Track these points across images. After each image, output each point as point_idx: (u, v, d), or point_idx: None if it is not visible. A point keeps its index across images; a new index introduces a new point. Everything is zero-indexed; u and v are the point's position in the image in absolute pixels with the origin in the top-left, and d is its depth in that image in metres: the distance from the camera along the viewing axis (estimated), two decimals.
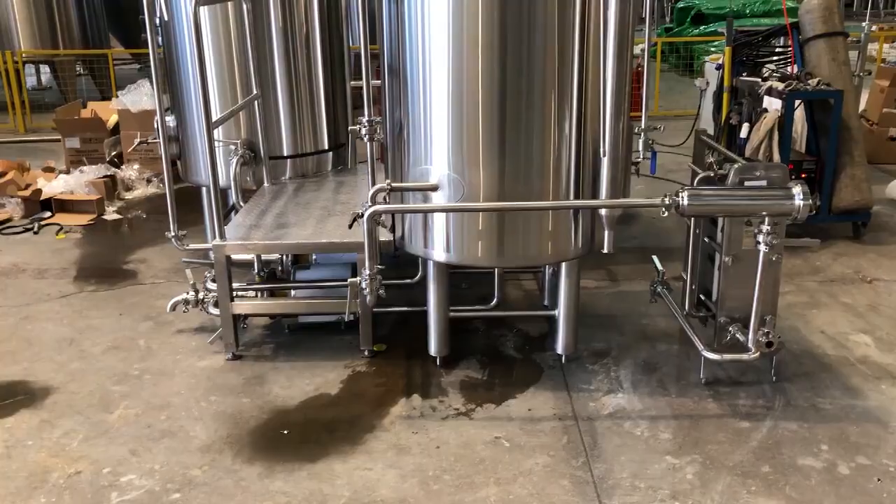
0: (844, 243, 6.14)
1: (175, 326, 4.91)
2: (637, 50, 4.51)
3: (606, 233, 3.92)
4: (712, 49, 12.93)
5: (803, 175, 5.98)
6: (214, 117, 4.51)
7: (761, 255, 3.74)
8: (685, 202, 3.63)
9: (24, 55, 11.88)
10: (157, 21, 5.32)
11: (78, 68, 12.93)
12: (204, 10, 5.12)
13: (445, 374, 4.32)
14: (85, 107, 9.14)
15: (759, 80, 6.27)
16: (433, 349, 4.37)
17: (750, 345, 3.89)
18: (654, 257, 4.81)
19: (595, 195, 3.92)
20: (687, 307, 4.45)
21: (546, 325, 4.82)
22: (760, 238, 3.72)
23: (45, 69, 13.95)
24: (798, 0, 6.97)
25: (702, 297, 4.38)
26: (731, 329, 4.03)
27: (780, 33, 6.68)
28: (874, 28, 10.58)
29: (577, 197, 3.96)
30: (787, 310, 4.94)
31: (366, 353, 4.49)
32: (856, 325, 4.83)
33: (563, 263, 4.19)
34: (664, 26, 17.53)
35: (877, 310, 5.03)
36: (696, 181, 4.28)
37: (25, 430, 3.86)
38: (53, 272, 5.91)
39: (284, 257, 5.01)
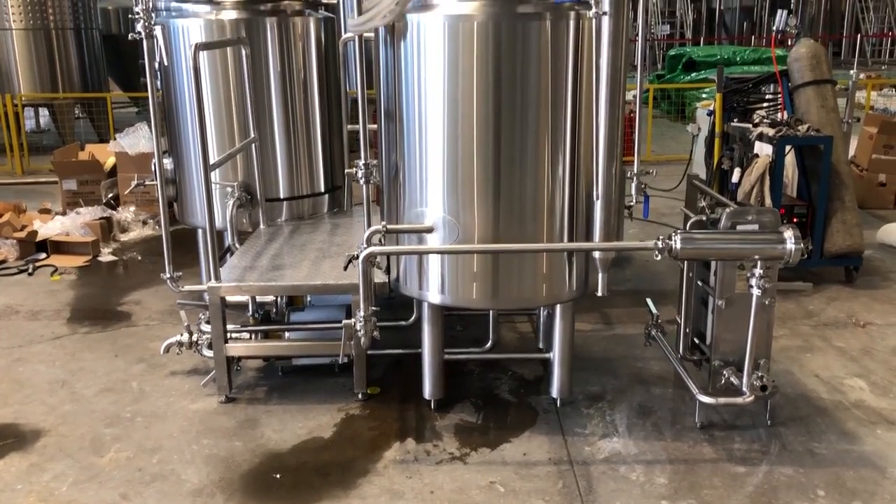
0: (837, 287, 6.17)
1: (168, 368, 4.88)
2: (629, 96, 4.59)
3: (600, 276, 3.94)
4: (703, 95, 13.13)
5: (795, 220, 6.04)
6: (212, 160, 4.55)
7: (754, 298, 3.76)
8: (678, 245, 3.66)
9: (23, 98, 12.00)
10: (157, 65, 5.39)
11: (76, 111, 13.05)
12: (203, 55, 5.19)
13: (440, 417, 4.29)
14: (83, 149, 9.21)
15: (750, 125, 6.37)
16: (427, 392, 4.35)
17: (744, 388, 3.89)
18: (648, 300, 4.82)
19: (589, 238, 3.95)
20: (681, 350, 4.45)
21: (541, 368, 4.81)
22: (753, 282, 3.74)
23: (43, 112, 14.07)
24: (787, 48, 7.11)
25: (696, 340, 4.38)
26: (725, 372, 4.03)
27: (769, 80, 6.79)
28: (862, 76, 10.78)
29: (570, 240, 3.99)
30: (781, 353, 4.94)
31: (359, 395, 4.47)
32: (850, 369, 4.83)
33: (558, 306, 4.20)
34: (656, 73, 17.81)
35: (870, 354, 5.03)
36: (688, 225, 4.31)
37: (14, 474, 3.82)
38: (47, 314, 5.89)
39: (279, 299, 5.01)
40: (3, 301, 6.16)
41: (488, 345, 4.80)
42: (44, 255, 7.18)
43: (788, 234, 3.64)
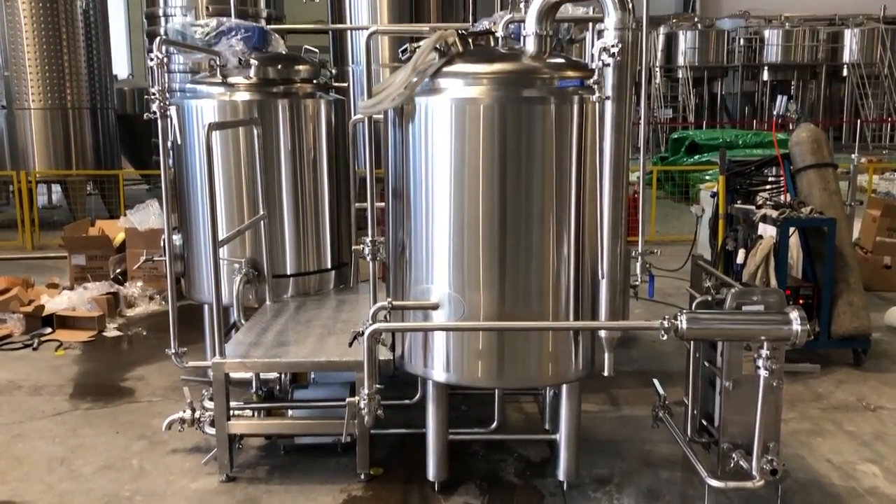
0: (846, 370, 6.11)
1: (170, 446, 4.82)
2: (633, 177, 4.67)
3: (606, 355, 3.92)
4: (707, 177, 13.27)
5: (801, 301, 6.02)
6: (221, 236, 4.60)
7: (762, 380, 3.73)
8: (684, 325, 3.65)
9: (37, 175, 12.21)
10: (170, 144, 5.52)
11: (88, 188, 13.26)
12: (215, 134, 5.31)
13: (444, 499, 4.21)
14: (93, 225, 9.32)
15: (754, 207, 6.43)
16: (431, 473, 4.28)
17: (754, 472, 3.81)
18: (656, 381, 4.78)
19: (594, 317, 3.95)
20: (689, 433, 4.39)
21: (547, 450, 4.73)
22: (760, 363, 3.72)
23: (56, 188, 14.29)
24: (788, 132, 7.25)
25: (704, 422, 4.32)
26: (734, 456, 3.95)
27: (772, 163, 6.89)
28: (863, 160, 10.93)
29: (576, 319, 3.99)
30: (791, 437, 4.86)
31: (362, 476, 4.39)
32: (862, 454, 4.74)
33: (564, 386, 4.17)
34: (659, 155, 18.05)
35: (883, 439, 4.94)
36: (694, 305, 4.31)
37: None
38: (49, 389, 5.86)
39: (283, 376, 4.98)
40: (5, 376, 6.13)
41: (493, 425, 4.73)
42: (49, 330, 7.18)
43: (794, 314, 3.64)
